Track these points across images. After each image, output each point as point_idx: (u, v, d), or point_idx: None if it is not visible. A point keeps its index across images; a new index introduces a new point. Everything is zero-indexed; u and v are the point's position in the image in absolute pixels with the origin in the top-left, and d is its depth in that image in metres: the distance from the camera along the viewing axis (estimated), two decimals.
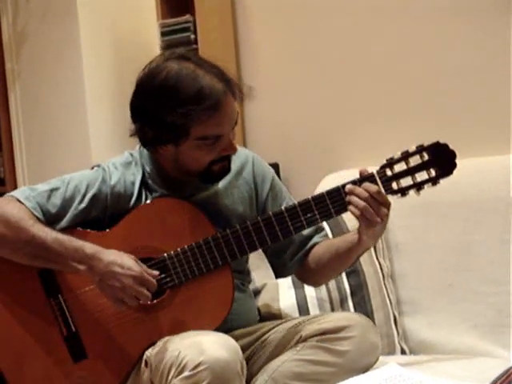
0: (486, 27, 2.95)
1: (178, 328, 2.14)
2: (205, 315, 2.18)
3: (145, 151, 2.29)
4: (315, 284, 2.51)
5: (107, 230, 2.23)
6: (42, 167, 3.64)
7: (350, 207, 2.10)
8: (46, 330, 2.20)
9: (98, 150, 3.49)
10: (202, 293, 2.19)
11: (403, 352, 2.72)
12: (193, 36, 3.46)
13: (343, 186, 2.14)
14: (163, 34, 3.52)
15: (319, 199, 2.15)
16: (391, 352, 2.69)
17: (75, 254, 2.11)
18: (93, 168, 2.31)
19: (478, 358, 2.49)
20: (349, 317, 2.25)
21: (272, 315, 2.60)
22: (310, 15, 3.34)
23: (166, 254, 2.19)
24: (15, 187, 3.68)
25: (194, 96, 2.10)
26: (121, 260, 2.10)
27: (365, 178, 2.13)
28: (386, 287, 2.77)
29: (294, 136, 3.35)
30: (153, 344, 2.15)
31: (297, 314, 2.70)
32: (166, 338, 2.11)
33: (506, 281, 2.59)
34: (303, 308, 2.73)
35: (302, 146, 3.34)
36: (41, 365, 2.21)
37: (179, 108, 2.09)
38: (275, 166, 2.84)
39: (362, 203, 2.08)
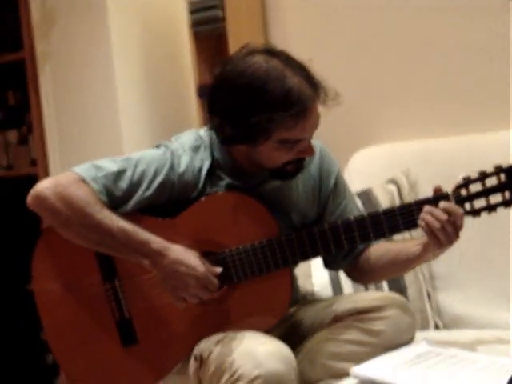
0: (491, 12, 2.93)
1: (232, 324, 2.13)
2: (260, 316, 2.15)
3: (214, 136, 2.20)
4: (364, 282, 2.49)
5: (171, 219, 2.17)
6: (72, 148, 3.62)
7: (423, 225, 2.03)
8: (99, 313, 2.20)
9: (128, 131, 3.46)
10: (259, 292, 2.16)
11: (437, 327, 2.71)
12: (221, 13, 3.44)
13: (416, 202, 2.08)
14: (192, 12, 3.50)
15: (390, 213, 2.10)
16: (425, 327, 2.66)
17: (141, 247, 2.07)
18: (158, 146, 2.22)
19: None
20: (383, 296, 2.24)
21: (305, 292, 2.58)
22: None
23: (227, 250, 2.15)
24: (46, 168, 3.72)
25: (282, 101, 2.01)
26: (187, 259, 2.07)
27: (439, 196, 2.07)
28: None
29: (323, 111, 3.26)
30: (204, 337, 2.13)
31: (330, 292, 2.69)
32: (220, 337, 2.09)
33: None
34: (336, 285, 2.71)
35: (332, 121, 3.07)
36: (91, 348, 2.21)
37: (265, 112, 2.01)
38: None
39: (438, 224, 2.01)
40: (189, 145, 2.20)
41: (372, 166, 3.01)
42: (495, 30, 2.94)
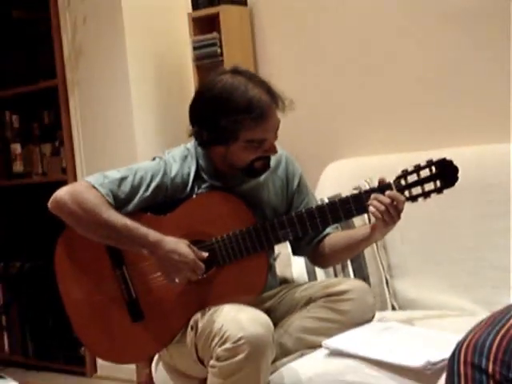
0: (487, 24, 2.78)
1: (221, 299, 2.13)
2: (243, 290, 2.18)
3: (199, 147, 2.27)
4: (324, 266, 2.50)
5: (167, 215, 2.20)
6: (95, 159, 3.65)
7: (372, 209, 2.09)
8: (111, 295, 2.21)
9: (142, 146, 3.48)
10: (242, 272, 2.19)
11: (393, 308, 2.71)
12: (219, 50, 3.43)
13: (365, 191, 2.14)
14: (195, 49, 3.51)
15: (344, 201, 2.15)
16: (383, 308, 2.66)
17: (140, 240, 2.10)
18: (154, 159, 2.27)
19: (456, 313, 2.43)
20: (349, 282, 2.28)
21: (286, 279, 2.58)
22: (313, 26, 3.26)
23: (214, 239, 2.19)
24: (75, 175, 3.77)
25: (245, 106, 2.08)
26: (179, 249, 2.09)
27: (384, 185, 2.12)
28: (379, 255, 2.74)
29: (299, 128, 3.24)
30: (199, 310, 2.14)
31: (306, 278, 2.67)
32: (211, 308, 2.11)
33: (481, 248, 2.57)
34: (311, 273, 2.70)
35: (306, 136, 3.30)
36: (105, 323, 2.23)
37: (231, 116, 2.08)
38: None
39: (383, 207, 2.06)
40: (178, 155, 2.25)
41: (341, 176, 2.99)
42: (491, 44, 2.75)
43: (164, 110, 3.55)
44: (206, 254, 2.14)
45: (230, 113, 2.09)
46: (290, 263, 2.68)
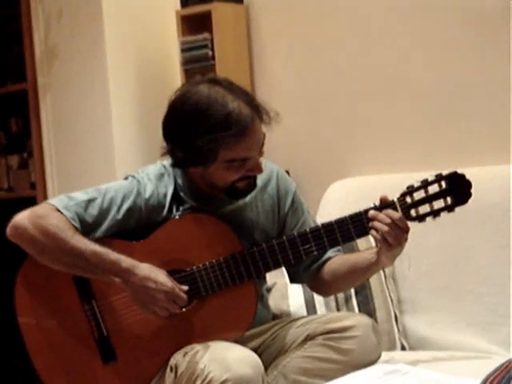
0: (487, 38, 2.91)
1: (203, 336, 2.11)
2: (229, 326, 2.15)
3: None
4: (326, 294, 2.45)
5: (140, 241, 2.17)
6: (69, 172, 3.62)
7: (372, 231, 2.06)
8: (79, 333, 2.17)
9: (122, 157, 3.45)
10: (227, 304, 2.15)
11: (403, 348, 2.67)
12: (210, 52, 3.43)
13: (365, 211, 2.09)
14: (183, 51, 3.49)
15: (342, 223, 2.11)
16: (392, 348, 2.63)
17: (112, 267, 2.06)
18: (127, 178, 2.24)
19: (473, 355, 2.42)
20: (353, 317, 2.22)
21: (281, 312, 2.57)
22: (318, 32, 3.32)
23: (194, 267, 2.14)
24: (45, 191, 3.70)
25: (223, 122, 2.03)
26: (154, 275, 2.06)
27: (386, 204, 2.08)
28: (387, 287, 2.72)
29: (303, 145, 3.32)
30: (178, 349, 2.12)
31: (304, 312, 2.65)
32: (193, 347, 2.08)
33: (501, 283, 2.55)
34: (311, 306, 2.67)
35: (311, 154, 3.31)
36: (73, 366, 2.18)
37: (208, 134, 2.03)
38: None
39: (384, 228, 2.02)
40: (153, 174, 2.21)
41: (346, 197, 2.97)
42: (491, 59, 2.90)
43: (147, 119, 3.51)
44: (185, 288, 2.10)
45: (206, 131, 2.03)
46: (287, 295, 2.65)
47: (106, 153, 3.48)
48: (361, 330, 2.13)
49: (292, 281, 2.37)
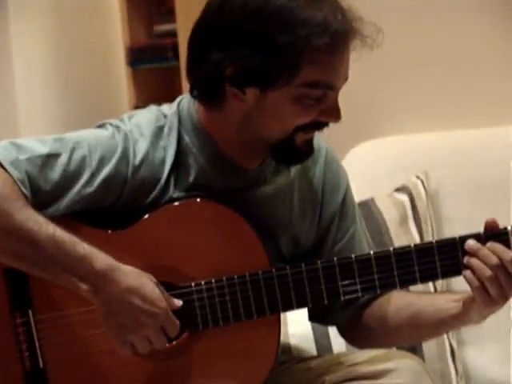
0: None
1: None
2: (233, 377, 2.02)
3: (185, 110, 2.01)
4: (364, 346, 2.26)
5: (118, 231, 1.99)
6: None
7: (467, 273, 1.90)
8: (2, 361, 1.98)
9: (27, 120, 3.42)
10: (234, 348, 2.00)
11: None
12: None
13: (461, 239, 1.92)
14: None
15: (424, 251, 1.96)
16: None
17: (78, 265, 1.86)
18: (103, 126, 2.02)
19: None
20: (391, 356, 2.08)
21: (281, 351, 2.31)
22: None
23: (193, 284, 1.96)
24: None
25: (318, 20, 1.86)
26: (143, 288, 1.89)
27: (495, 234, 1.92)
28: None
29: None
30: None
31: (313, 348, 2.57)
32: None
33: None
34: (322, 337, 2.58)
35: None
36: None
37: (299, 27, 1.86)
38: None
39: (487, 272, 1.87)
40: (147, 125, 2.00)
41: (375, 166, 2.95)
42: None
43: (66, 55, 3.60)
44: (179, 303, 1.92)
45: (295, 26, 1.86)
46: (286, 320, 2.53)
47: (7, 117, 3.46)
48: (404, 377, 2.00)
49: (313, 318, 2.21)
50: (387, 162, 2.97)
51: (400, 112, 3.23)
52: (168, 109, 2.05)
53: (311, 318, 2.20)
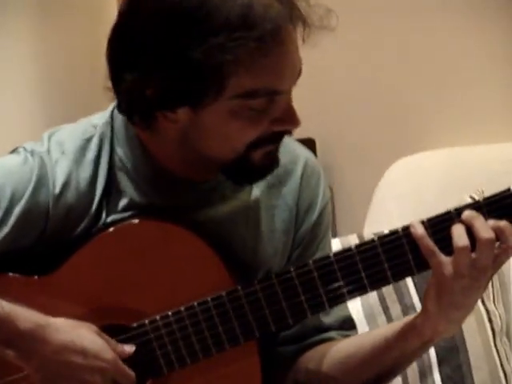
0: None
1: None
2: None
3: (120, 120, 1.82)
4: None
5: (48, 275, 1.83)
6: None
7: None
8: None
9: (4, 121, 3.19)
10: None
11: None
12: None
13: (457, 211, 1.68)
14: None
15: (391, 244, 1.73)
16: None
17: None
18: (16, 151, 1.86)
19: None
20: None
21: None
22: None
23: (147, 321, 1.80)
24: None
25: (239, 19, 1.67)
26: (80, 342, 1.73)
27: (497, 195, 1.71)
28: (497, 351, 2.50)
29: (339, 102, 3.22)
30: None
31: None
32: None
33: None
34: None
35: (353, 117, 3.18)
36: None
37: (213, 36, 1.68)
38: (310, 143, 2.64)
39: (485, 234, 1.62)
40: (72, 141, 1.84)
41: (419, 184, 2.82)
42: None
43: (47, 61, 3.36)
44: (131, 348, 1.77)
45: (209, 32, 1.67)
46: None
47: None
48: None
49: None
50: (435, 178, 2.86)
51: (449, 122, 3.13)
52: (99, 118, 1.91)
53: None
